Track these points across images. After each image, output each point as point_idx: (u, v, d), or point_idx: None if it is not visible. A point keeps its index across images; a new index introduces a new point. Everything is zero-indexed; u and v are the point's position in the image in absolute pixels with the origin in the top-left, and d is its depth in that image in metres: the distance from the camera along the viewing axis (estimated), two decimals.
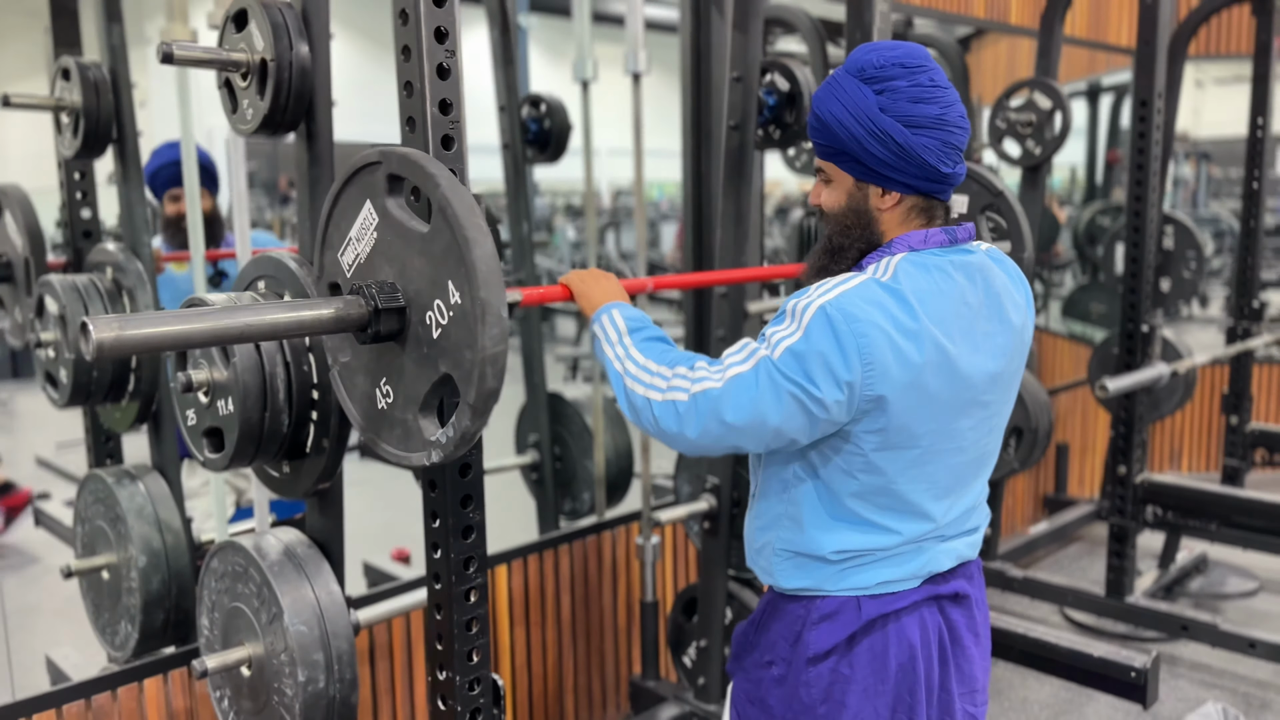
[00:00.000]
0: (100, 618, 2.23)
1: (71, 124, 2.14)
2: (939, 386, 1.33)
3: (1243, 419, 3.93)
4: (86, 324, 1.06)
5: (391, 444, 1.37)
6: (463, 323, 1.21)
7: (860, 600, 1.42)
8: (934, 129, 1.31)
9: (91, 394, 2.12)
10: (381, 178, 1.30)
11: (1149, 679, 1.82)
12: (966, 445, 1.40)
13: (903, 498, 1.38)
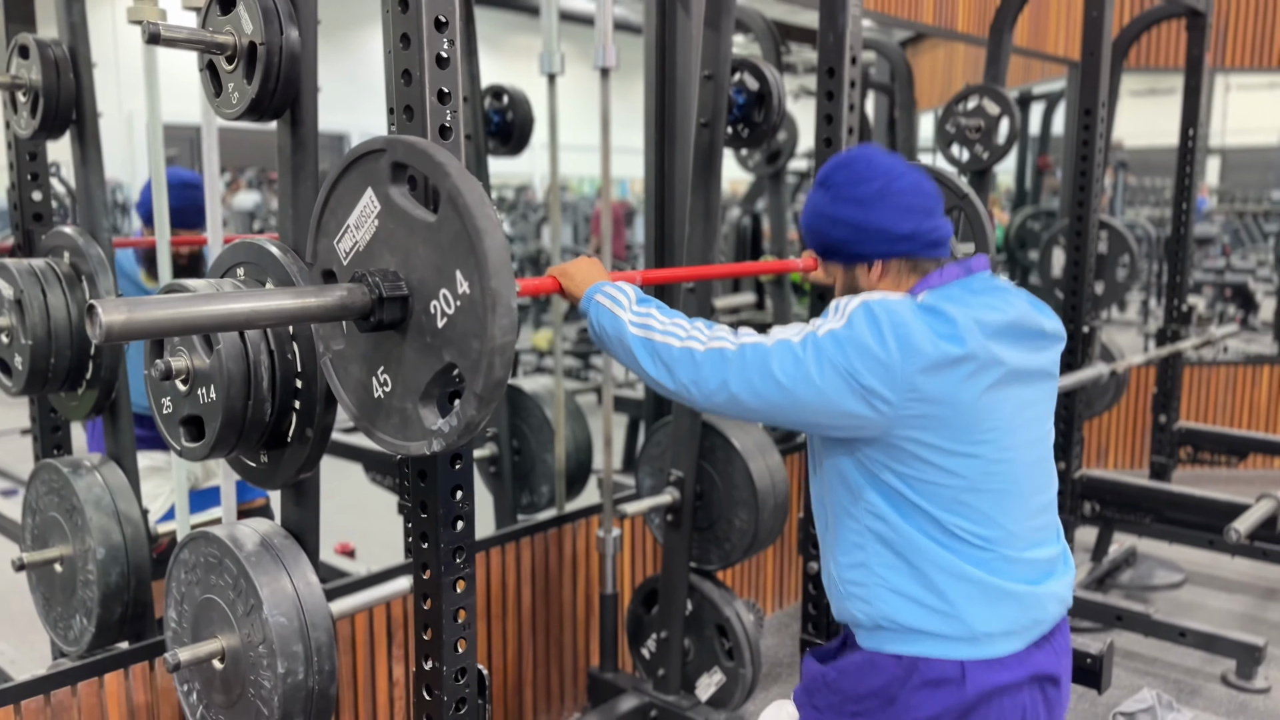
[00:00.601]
0: (52, 611, 2.16)
1: (29, 103, 2.07)
2: (987, 382, 1.39)
3: (1171, 418, 4.09)
4: (95, 307, 1.04)
5: (388, 433, 1.36)
6: (471, 312, 1.21)
7: (965, 667, 1.41)
8: (878, 199, 1.48)
9: (48, 381, 2.06)
10: (385, 165, 1.29)
11: (1103, 665, 1.90)
12: (1023, 447, 1.45)
13: (979, 507, 1.42)
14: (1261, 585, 3.92)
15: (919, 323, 1.37)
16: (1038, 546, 1.49)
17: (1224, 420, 5.46)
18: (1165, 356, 4.00)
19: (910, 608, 1.44)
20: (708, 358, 1.40)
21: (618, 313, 1.48)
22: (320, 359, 1.44)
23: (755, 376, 1.37)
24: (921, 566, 1.43)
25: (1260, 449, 4.14)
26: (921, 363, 1.35)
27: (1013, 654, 1.44)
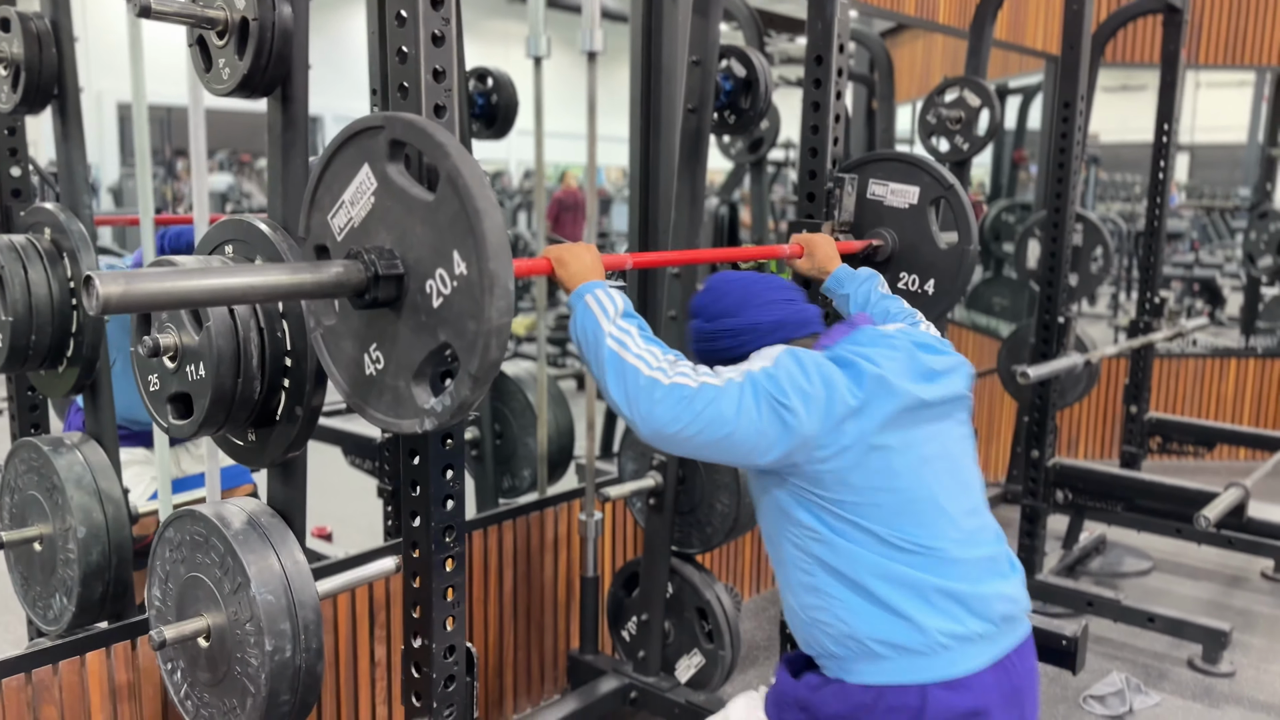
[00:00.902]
0: (30, 591, 2.15)
1: (10, 77, 2.04)
2: (894, 416, 1.51)
3: (1141, 408, 4.16)
4: (92, 278, 1.04)
5: (380, 410, 1.36)
6: (468, 293, 1.21)
7: (926, 691, 1.46)
8: (742, 305, 1.67)
9: (29, 359, 2.04)
10: (383, 143, 1.29)
11: (1078, 647, 1.94)
12: (940, 466, 1.55)
13: (909, 519, 1.50)
14: (1226, 573, 4.00)
15: (833, 369, 1.51)
16: (974, 547, 1.55)
17: (1192, 411, 5.55)
18: (1137, 348, 4.06)
19: (865, 621, 1.49)
20: (669, 392, 1.43)
21: (601, 321, 1.49)
22: (311, 334, 1.44)
23: (707, 415, 1.44)
24: (864, 579, 1.49)
25: (1227, 439, 4.22)
26: (839, 404, 1.48)
27: (973, 674, 1.48)
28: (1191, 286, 10.23)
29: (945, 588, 1.48)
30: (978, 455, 1.68)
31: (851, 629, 1.50)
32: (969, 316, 6.60)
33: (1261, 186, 6.22)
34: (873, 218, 2.21)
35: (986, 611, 1.50)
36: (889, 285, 2.18)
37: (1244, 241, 6.05)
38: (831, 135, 2.15)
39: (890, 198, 2.21)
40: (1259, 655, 3.29)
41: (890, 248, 2.19)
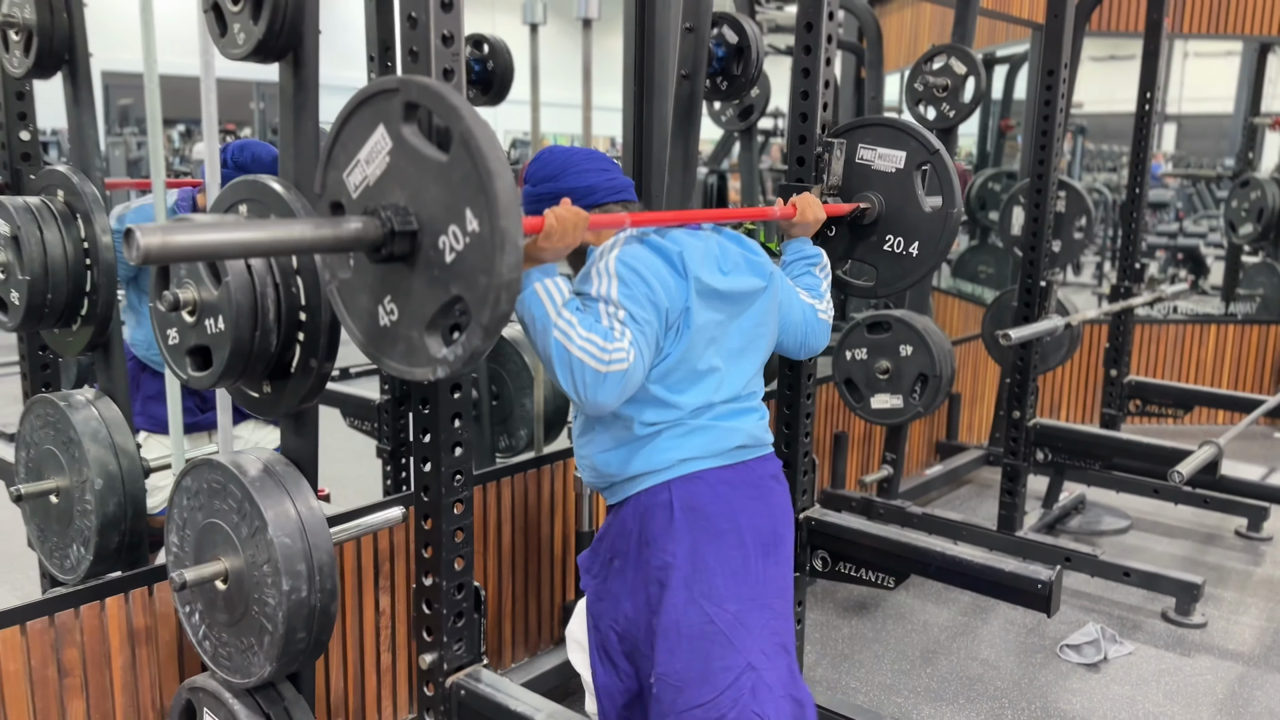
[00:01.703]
0: (47, 542, 2.22)
1: (22, 42, 2.09)
2: (698, 295, 1.77)
3: (1121, 372, 4.26)
4: (134, 230, 1.10)
5: (394, 359, 1.43)
6: (480, 249, 1.27)
7: (671, 489, 1.77)
8: (562, 172, 1.86)
9: (44, 317, 2.11)
10: (398, 104, 1.35)
11: (1053, 589, 2.04)
12: (733, 342, 1.85)
13: (692, 370, 1.79)
14: (1202, 531, 4.12)
15: (659, 260, 1.74)
16: (725, 407, 1.84)
17: (1173, 376, 5.67)
18: (1118, 313, 4.16)
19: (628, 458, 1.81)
20: (604, 381, 1.63)
21: (549, 311, 1.64)
22: (326, 286, 1.51)
23: (633, 384, 1.67)
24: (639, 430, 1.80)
25: (1203, 401, 4.33)
26: (667, 288, 1.72)
27: (709, 469, 1.81)
28: (1175, 256, 10.35)
29: (699, 425, 1.80)
30: (770, 341, 1.97)
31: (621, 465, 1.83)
32: (955, 284, 6.70)
33: (1244, 155, 6.30)
34: (860, 181, 2.29)
35: (727, 442, 1.82)
36: (875, 247, 2.27)
37: (1225, 210, 6.15)
38: (821, 101, 2.22)
39: (878, 162, 2.28)
40: (1230, 608, 3.42)
41: (877, 210, 2.26)
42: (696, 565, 1.75)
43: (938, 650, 3.08)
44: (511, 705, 1.59)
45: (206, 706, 1.83)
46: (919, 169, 2.23)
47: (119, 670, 2.00)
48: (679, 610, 1.74)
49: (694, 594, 1.74)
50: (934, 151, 2.21)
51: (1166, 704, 2.80)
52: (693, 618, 1.74)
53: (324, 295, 1.57)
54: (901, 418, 3.51)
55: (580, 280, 1.76)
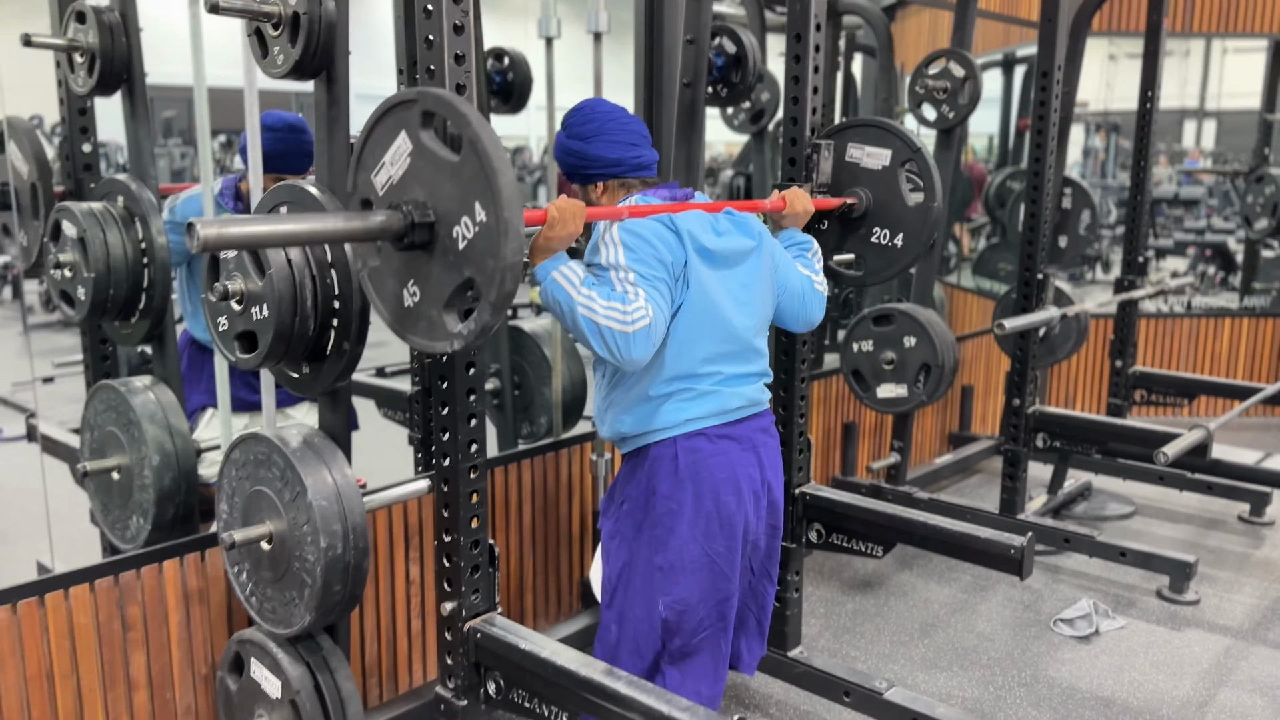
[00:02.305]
0: (109, 515, 2.46)
1: (86, 63, 2.33)
2: (698, 260, 1.96)
3: (1126, 362, 4.39)
4: (194, 224, 1.32)
5: (418, 335, 1.62)
6: (488, 237, 1.48)
7: (677, 445, 1.99)
8: (595, 136, 2.03)
9: (107, 311, 2.34)
10: (416, 113, 1.55)
11: (1025, 554, 2.20)
12: (727, 303, 2.01)
13: (699, 325, 1.97)
14: (1206, 517, 4.24)
15: (657, 225, 1.92)
16: (733, 366, 2.05)
17: (1187, 369, 5.76)
18: (1122, 305, 4.29)
19: (641, 419, 2.02)
20: (633, 340, 1.82)
21: (571, 293, 1.83)
22: (358, 274, 1.71)
23: (658, 335, 1.88)
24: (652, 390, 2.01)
25: (1206, 390, 4.44)
26: (669, 246, 1.91)
27: (709, 430, 2.03)
28: (1204, 252, 10.34)
29: (704, 390, 2.01)
30: (770, 300, 2.15)
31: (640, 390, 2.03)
32: (975, 281, 6.81)
33: (1259, 150, 6.37)
34: (850, 178, 2.46)
35: (726, 405, 2.03)
36: (864, 239, 2.45)
37: (1241, 205, 6.22)
38: (810, 106, 2.40)
39: (866, 160, 2.46)
40: (1224, 587, 3.54)
41: (865, 205, 2.44)
42: (697, 510, 2.00)
43: (936, 624, 3.24)
44: (522, 645, 1.79)
45: (254, 656, 2.04)
46: (903, 166, 2.40)
47: (175, 626, 2.22)
48: (683, 549, 1.99)
49: (695, 534, 2.00)
50: (916, 151, 2.38)
51: (1152, 673, 2.94)
52: (694, 553, 2.00)
53: (355, 285, 1.78)
54: (907, 406, 3.68)
55: (589, 253, 1.96)
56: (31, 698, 2.02)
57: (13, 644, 1.99)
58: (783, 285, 2.20)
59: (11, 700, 1.99)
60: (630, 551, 2.06)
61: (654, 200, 2.02)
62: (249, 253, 1.76)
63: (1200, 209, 11.86)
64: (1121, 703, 2.78)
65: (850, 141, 2.46)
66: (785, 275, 2.21)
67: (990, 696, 2.80)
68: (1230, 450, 3.96)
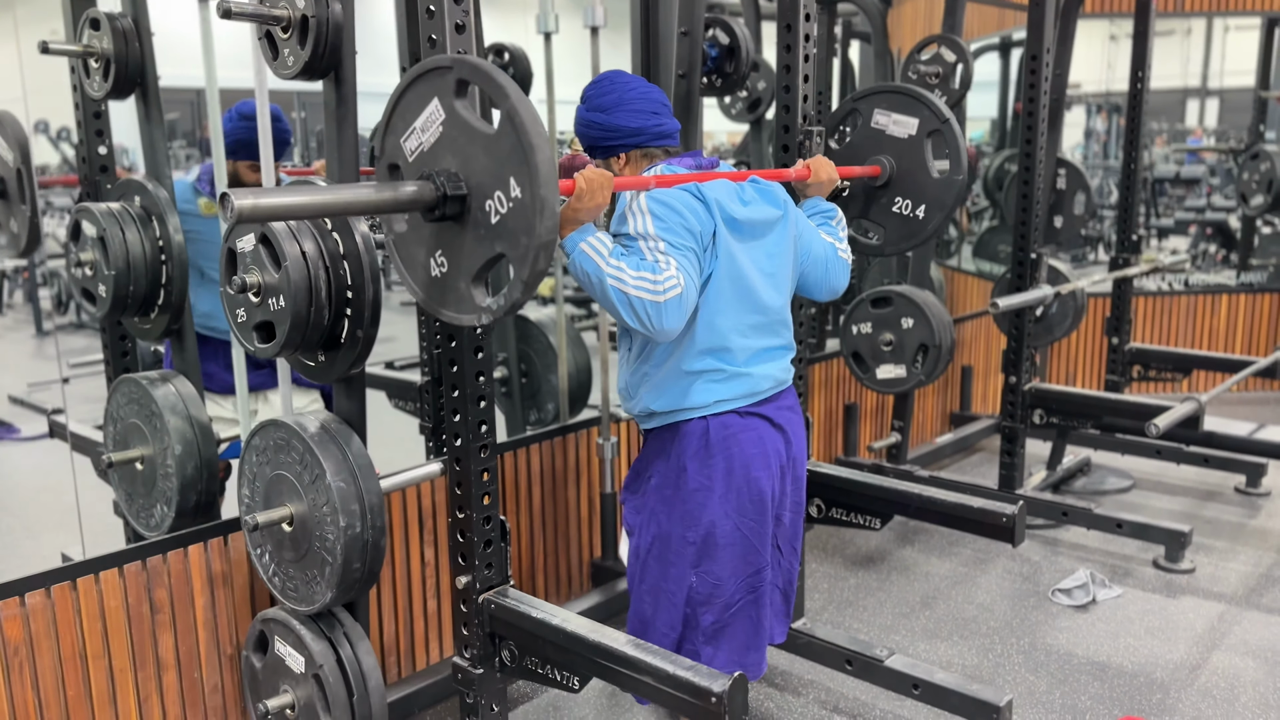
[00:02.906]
0: (134, 504, 2.55)
1: (101, 69, 2.41)
2: (724, 227, 1.96)
3: (1123, 339, 4.46)
4: (228, 195, 1.38)
5: (445, 307, 1.65)
6: (521, 214, 1.47)
7: (708, 422, 2.01)
8: (616, 106, 2.02)
9: (128, 307, 2.43)
10: (451, 81, 1.54)
11: (1016, 522, 2.28)
12: (752, 270, 2.03)
13: (723, 324, 1.99)
14: (1203, 489, 4.31)
15: (685, 194, 1.93)
16: (761, 339, 2.07)
17: (1186, 345, 5.82)
18: (1117, 283, 4.36)
19: (672, 396, 2.04)
20: (663, 309, 1.82)
21: (600, 265, 1.84)
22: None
23: (688, 303, 1.88)
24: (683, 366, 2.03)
25: (1202, 365, 4.51)
26: (697, 215, 1.92)
27: (739, 409, 2.05)
28: (1205, 230, 10.38)
29: (733, 371, 2.03)
30: (794, 269, 2.18)
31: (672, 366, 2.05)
32: (975, 264, 6.88)
33: (1254, 128, 6.42)
34: (874, 145, 2.51)
35: (755, 387, 2.06)
36: (885, 208, 2.51)
37: (1237, 182, 6.28)
38: (801, 94, 2.48)
39: (892, 127, 2.50)
40: (1219, 556, 3.62)
41: (888, 173, 2.48)
42: (728, 485, 2.03)
43: (937, 596, 3.32)
44: (534, 614, 1.87)
45: (277, 634, 2.13)
46: (929, 136, 2.45)
47: (201, 608, 2.31)
48: (716, 524, 2.03)
49: (726, 509, 2.03)
50: (944, 120, 2.43)
51: (1147, 639, 3.02)
52: (726, 528, 2.04)
53: (367, 275, 1.86)
54: (906, 386, 3.76)
55: (616, 222, 1.95)
56: (67, 678, 2.12)
57: (47, 626, 2.08)
58: (806, 252, 2.21)
59: (48, 680, 2.09)
60: (661, 526, 2.07)
61: (679, 170, 2.01)
62: (265, 246, 1.84)
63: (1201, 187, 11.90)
64: (1117, 667, 2.86)
65: (877, 108, 2.50)
66: (809, 243, 2.21)
67: (989, 664, 2.88)
68: (1226, 423, 4.03)
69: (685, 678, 1.63)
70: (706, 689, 1.60)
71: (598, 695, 2.75)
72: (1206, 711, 2.64)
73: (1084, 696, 2.71)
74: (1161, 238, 10.71)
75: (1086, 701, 2.69)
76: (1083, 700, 2.70)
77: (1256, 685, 2.76)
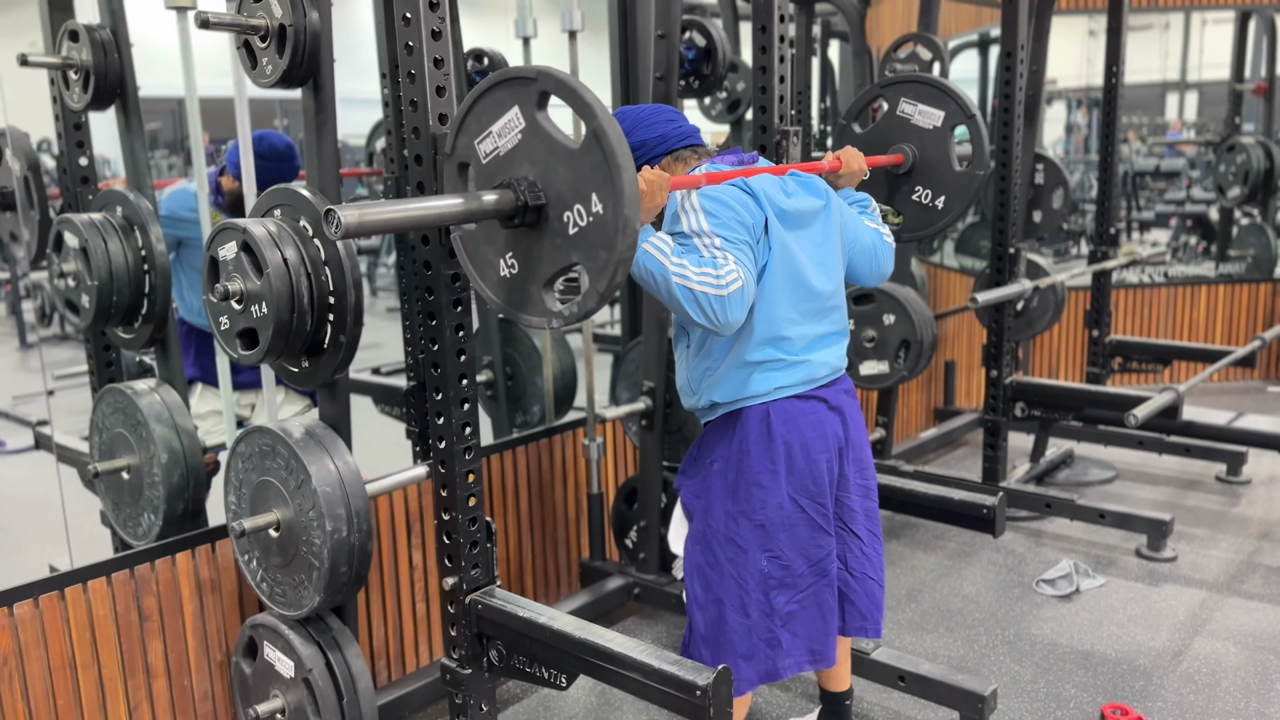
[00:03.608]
0: (121, 513, 2.55)
1: (81, 80, 2.42)
2: (775, 218, 2.01)
3: (1103, 332, 4.50)
4: (333, 211, 1.41)
5: (513, 307, 1.70)
6: (602, 229, 1.50)
7: (769, 407, 2.00)
8: (634, 127, 2.08)
9: (111, 317, 2.44)
10: (534, 93, 1.56)
11: (996, 513, 2.31)
12: (805, 259, 2.06)
13: (780, 313, 2.02)
14: (1184, 478, 4.36)
15: (734, 189, 1.98)
16: (816, 326, 2.10)
17: (1166, 336, 5.88)
18: (1096, 276, 4.40)
19: (733, 387, 2.07)
20: (727, 302, 1.85)
21: (664, 263, 1.86)
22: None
23: (749, 294, 1.91)
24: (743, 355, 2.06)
25: (1181, 356, 4.56)
26: (748, 208, 1.96)
27: (799, 394, 2.08)
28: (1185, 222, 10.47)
29: (788, 360, 2.06)
30: (842, 256, 2.20)
31: (727, 391, 2.09)
32: (958, 260, 6.92)
33: (1231, 120, 6.49)
34: (899, 133, 2.55)
35: (813, 373, 2.09)
36: (905, 196, 2.54)
37: (1214, 174, 6.34)
38: (778, 94, 2.50)
39: (917, 117, 2.54)
40: (1201, 544, 3.66)
41: (910, 161, 2.52)
42: (791, 468, 2.06)
43: (922, 589, 3.35)
44: (520, 613, 1.89)
45: (266, 640, 2.15)
46: (954, 129, 2.48)
47: (190, 615, 2.32)
48: (782, 506, 2.06)
49: (793, 492, 2.06)
50: (970, 116, 2.46)
51: (1130, 627, 3.05)
52: (791, 510, 2.06)
53: (348, 281, 1.88)
54: (889, 382, 3.79)
55: (670, 222, 1.99)
56: (56, 687, 2.12)
57: (36, 636, 2.09)
58: (853, 240, 2.24)
59: (38, 689, 2.10)
60: (727, 509, 2.08)
61: (723, 167, 2.06)
62: (247, 254, 1.85)
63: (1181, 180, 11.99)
64: (1100, 655, 2.89)
65: (904, 96, 2.53)
66: (855, 230, 2.25)
67: (975, 654, 2.92)
68: (1206, 412, 4.07)
69: (670, 672, 1.66)
70: (691, 682, 1.62)
71: (587, 694, 2.77)
72: (1189, 697, 2.68)
73: (1068, 685, 2.75)
74: (1143, 231, 10.79)
75: (1071, 690, 2.72)
76: (1067, 688, 2.73)
77: (1237, 670, 2.80)
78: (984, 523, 2.32)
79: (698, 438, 2.19)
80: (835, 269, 2.16)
